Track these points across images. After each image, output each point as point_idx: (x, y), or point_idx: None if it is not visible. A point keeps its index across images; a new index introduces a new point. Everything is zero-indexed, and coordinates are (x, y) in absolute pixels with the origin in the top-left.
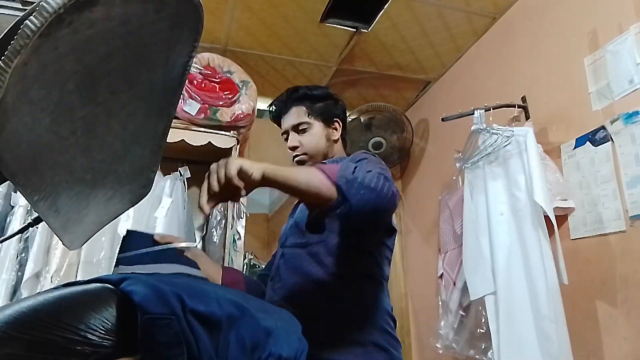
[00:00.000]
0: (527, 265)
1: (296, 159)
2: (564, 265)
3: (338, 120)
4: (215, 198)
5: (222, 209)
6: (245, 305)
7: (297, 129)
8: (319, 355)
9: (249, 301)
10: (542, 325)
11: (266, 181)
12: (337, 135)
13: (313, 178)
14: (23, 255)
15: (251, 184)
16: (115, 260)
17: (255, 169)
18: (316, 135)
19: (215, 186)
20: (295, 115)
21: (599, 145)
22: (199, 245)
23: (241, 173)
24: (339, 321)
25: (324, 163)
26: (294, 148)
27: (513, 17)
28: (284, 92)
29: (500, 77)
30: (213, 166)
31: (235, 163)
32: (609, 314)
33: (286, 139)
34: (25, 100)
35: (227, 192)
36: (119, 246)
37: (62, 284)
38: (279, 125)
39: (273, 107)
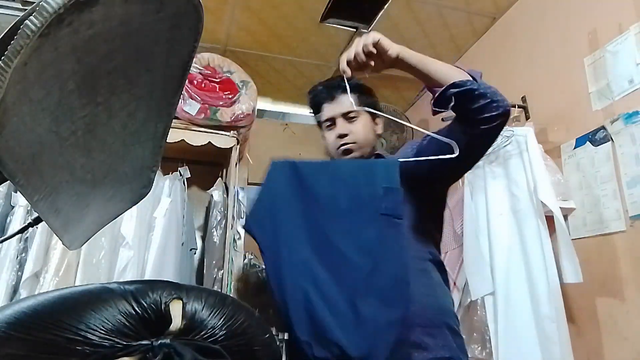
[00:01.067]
0: (528, 265)
1: (345, 147)
2: (577, 262)
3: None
4: (351, 65)
5: (222, 208)
6: None
7: (347, 116)
8: (409, 338)
9: None
10: (542, 325)
11: (400, 61)
12: (380, 130)
13: (445, 65)
14: (23, 255)
15: (386, 59)
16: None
17: (394, 47)
18: (366, 126)
19: (352, 55)
20: (347, 103)
21: (599, 145)
22: (199, 245)
23: (378, 46)
24: (419, 302)
25: (373, 156)
26: (343, 136)
27: (513, 17)
28: (332, 79)
29: (500, 77)
30: (357, 38)
31: (375, 35)
32: (609, 314)
33: (328, 127)
34: (25, 100)
35: (361, 64)
36: (120, 247)
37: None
38: (316, 111)
39: (317, 91)
